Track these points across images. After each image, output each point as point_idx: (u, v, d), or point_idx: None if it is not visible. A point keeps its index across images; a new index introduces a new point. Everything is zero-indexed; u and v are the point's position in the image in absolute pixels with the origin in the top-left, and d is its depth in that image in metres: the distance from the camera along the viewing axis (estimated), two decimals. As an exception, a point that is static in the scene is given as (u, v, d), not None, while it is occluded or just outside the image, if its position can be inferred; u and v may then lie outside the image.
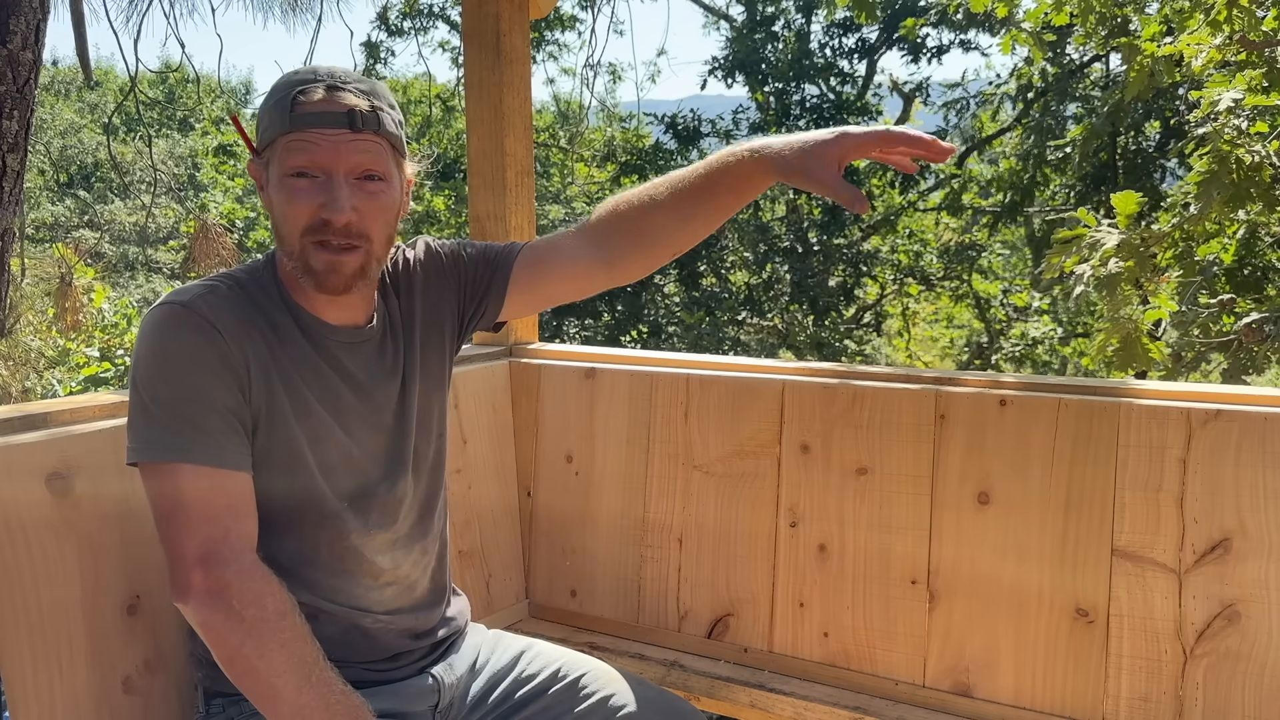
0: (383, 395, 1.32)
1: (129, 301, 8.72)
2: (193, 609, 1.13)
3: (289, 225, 1.20)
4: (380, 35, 11.11)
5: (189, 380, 1.16)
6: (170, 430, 1.14)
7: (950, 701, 1.72)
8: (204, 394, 1.16)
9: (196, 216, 9.32)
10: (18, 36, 2.39)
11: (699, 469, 1.92)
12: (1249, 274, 3.69)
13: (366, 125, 1.18)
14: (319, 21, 4.88)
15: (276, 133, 1.19)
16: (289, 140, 1.18)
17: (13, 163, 2.42)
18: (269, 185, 1.22)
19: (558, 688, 1.41)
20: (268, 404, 1.21)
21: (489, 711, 1.41)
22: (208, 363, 1.16)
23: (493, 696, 1.42)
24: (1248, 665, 1.51)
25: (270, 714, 1.13)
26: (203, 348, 1.16)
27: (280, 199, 1.20)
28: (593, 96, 7.02)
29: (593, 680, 1.42)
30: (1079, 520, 1.60)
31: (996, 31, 8.98)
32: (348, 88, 1.19)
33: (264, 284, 1.26)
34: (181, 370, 1.16)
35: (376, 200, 1.21)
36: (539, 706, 1.40)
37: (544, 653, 1.47)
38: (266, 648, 1.12)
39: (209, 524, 1.14)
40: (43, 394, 7.78)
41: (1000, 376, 1.74)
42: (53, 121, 20.62)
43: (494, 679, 1.44)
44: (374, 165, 1.20)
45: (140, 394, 1.16)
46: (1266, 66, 3.32)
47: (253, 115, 20.06)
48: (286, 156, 1.18)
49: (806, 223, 9.61)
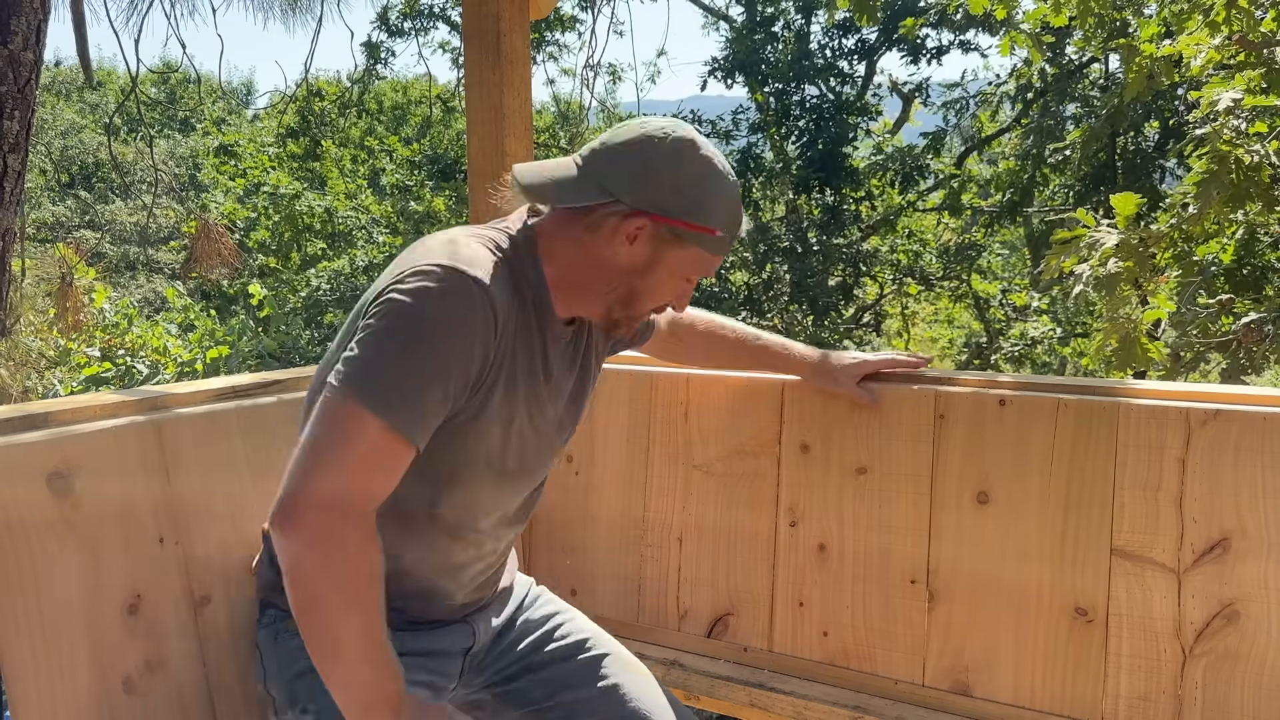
0: (562, 388, 1.39)
1: (129, 301, 8.72)
2: (292, 542, 1.10)
3: (648, 300, 1.31)
4: (380, 35, 11.11)
5: (435, 350, 1.14)
6: (391, 385, 1.13)
7: (949, 701, 1.72)
8: (439, 371, 1.15)
9: (197, 217, 9.32)
10: (19, 37, 2.39)
11: (699, 469, 1.92)
12: (1248, 274, 3.70)
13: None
14: (319, 22, 4.91)
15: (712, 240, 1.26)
16: (705, 251, 1.27)
17: (13, 163, 2.42)
18: (657, 257, 1.26)
19: (580, 658, 1.50)
20: (495, 378, 1.23)
21: (512, 661, 1.51)
22: (458, 344, 1.16)
23: (519, 648, 1.52)
24: (1247, 665, 1.51)
25: (323, 666, 1.13)
26: (467, 324, 1.16)
27: (661, 279, 1.28)
28: (593, 97, 7.02)
29: (613, 664, 1.50)
30: (1078, 520, 1.60)
31: (996, 32, 8.99)
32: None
33: (526, 269, 1.28)
34: (434, 339, 1.14)
35: None
36: (557, 671, 1.49)
37: (577, 621, 1.57)
38: (348, 606, 1.11)
39: (359, 475, 1.12)
40: (43, 394, 7.78)
41: (999, 376, 1.74)
42: (54, 122, 20.62)
43: (523, 631, 1.54)
44: None
45: (385, 336, 1.14)
46: (1265, 67, 3.32)
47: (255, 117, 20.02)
48: (694, 262, 1.28)
49: (806, 223, 9.61)
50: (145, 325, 7.65)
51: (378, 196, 12.86)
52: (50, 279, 10.04)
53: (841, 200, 9.60)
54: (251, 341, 7.41)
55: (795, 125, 9.96)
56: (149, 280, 17.07)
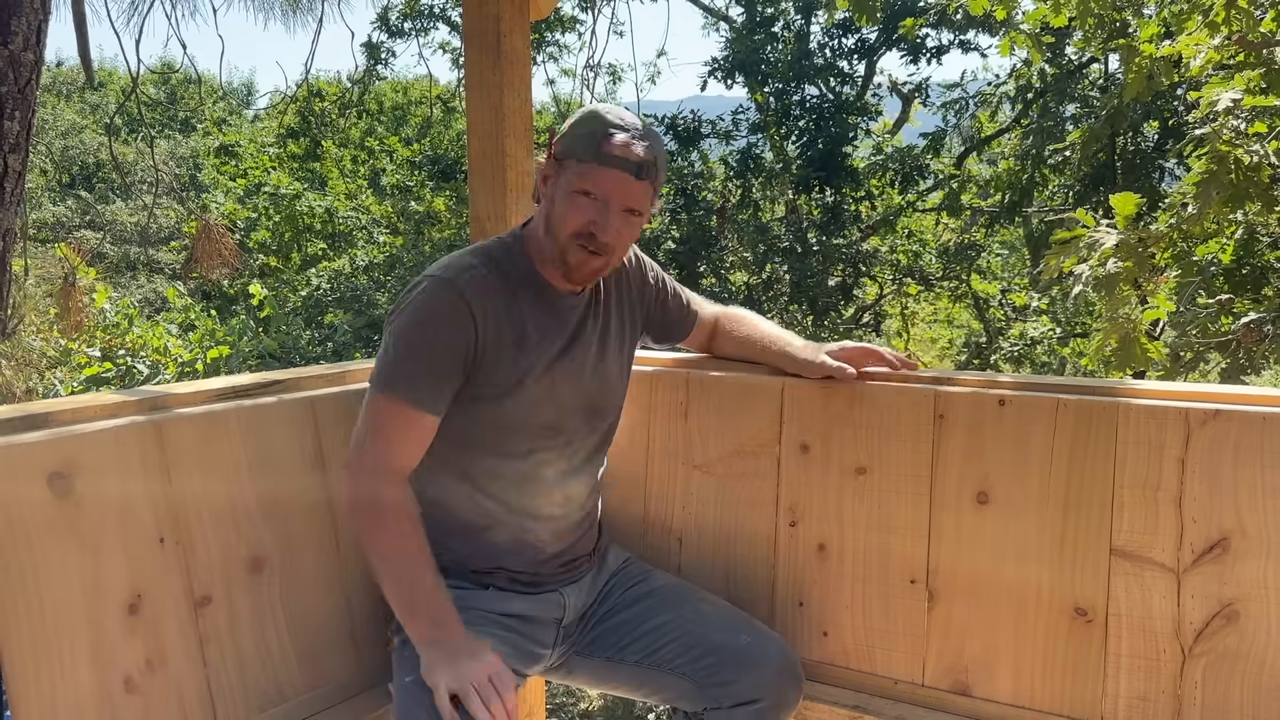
0: (582, 352, 1.64)
1: (130, 302, 8.71)
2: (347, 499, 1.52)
3: (563, 224, 1.53)
4: (381, 36, 11.11)
5: (429, 339, 1.51)
6: (401, 372, 1.50)
7: (949, 701, 1.72)
8: (435, 354, 1.51)
9: (198, 217, 9.32)
10: (19, 37, 2.39)
11: (699, 469, 1.93)
12: (1247, 274, 3.69)
13: (646, 175, 1.52)
14: (320, 22, 4.91)
15: (581, 157, 1.51)
16: (588, 168, 1.50)
17: (14, 163, 2.42)
18: (556, 188, 1.54)
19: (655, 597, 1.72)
20: (495, 347, 1.53)
21: (597, 622, 1.72)
22: (447, 330, 1.50)
23: (603, 610, 1.73)
24: (1246, 664, 1.51)
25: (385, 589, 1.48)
26: (447, 317, 1.51)
27: (563, 203, 1.52)
28: (593, 97, 7.02)
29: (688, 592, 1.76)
30: (1078, 520, 1.60)
31: (996, 32, 8.98)
32: (642, 141, 1.51)
33: (514, 256, 1.61)
34: (426, 331, 1.51)
35: (632, 230, 1.56)
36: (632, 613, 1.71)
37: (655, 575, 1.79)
38: (388, 538, 1.48)
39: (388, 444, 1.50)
40: (45, 394, 7.78)
41: (999, 376, 1.74)
42: (54, 122, 20.63)
43: (608, 595, 1.75)
44: (639, 204, 1.54)
45: (393, 342, 1.52)
46: (1265, 67, 3.32)
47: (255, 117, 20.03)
48: (581, 179, 1.50)
49: (806, 223, 9.60)
50: (146, 325, 7.65)
51: (378, 197, 12.85)
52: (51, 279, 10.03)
53: (841, 200, 9.59)
54: (252, 341, 7.40)
55: (795, 125, 9.95)
56: (149, 280, 17.06)
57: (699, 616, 1.68)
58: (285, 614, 1.63)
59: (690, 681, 1.63)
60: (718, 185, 9.87)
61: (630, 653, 1.68)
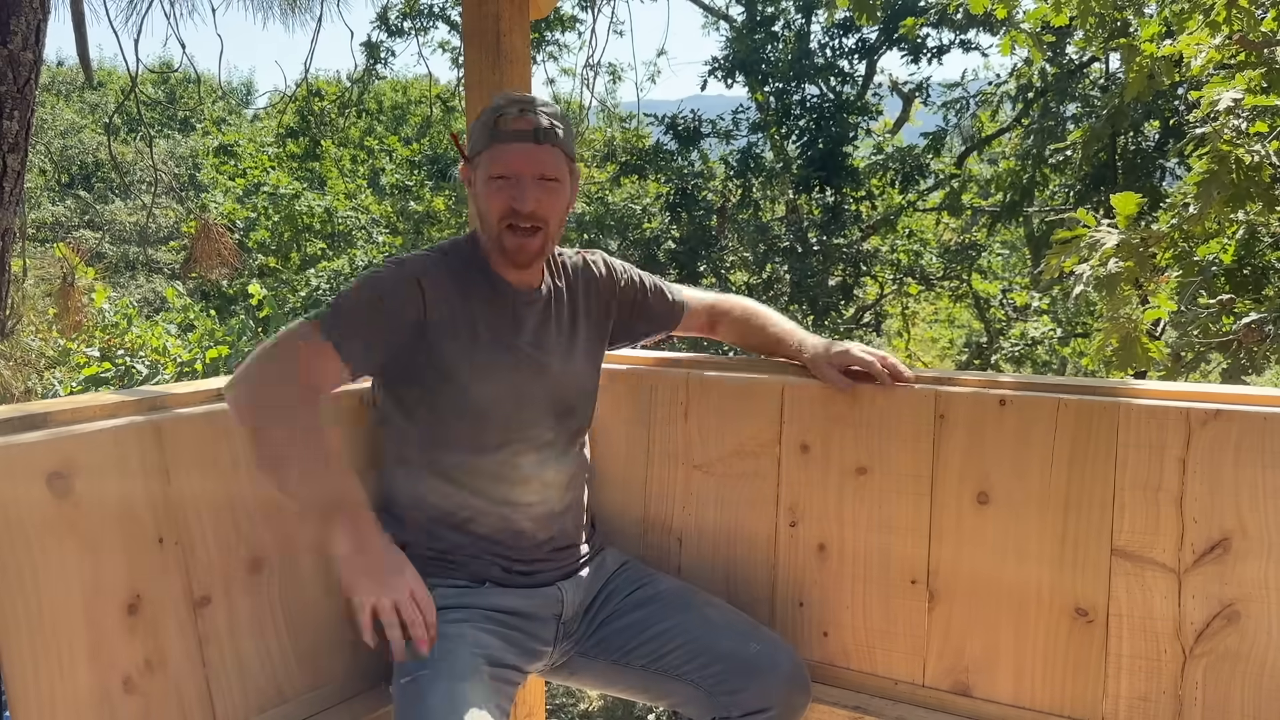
0: (544, 350, 1.66)
1: (129, 302, 8.71)
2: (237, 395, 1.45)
3: (491, 215, 1.57)
4: (380, 35, 11.09)
5: (373, 301, 1.53)
6: (338, 316, 1.51)
7: (949, 701, 1.72)
8: (374, 314, 1.53)
9: (197, 217, 9.31)
10: (18, 37, 2.39)
11: (699, 469, 1.92)
12: (1248, 274, 3.69)
13: (546, 139, 1.55)
14: (319, 22, 4.90)
15: (483, 146, 1.57)
16: (492, 153, 1.56)
17: (13, 163, 2.42)
18: (476, 185, 1.60)
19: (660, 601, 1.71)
20: (448, 328, 1.57)
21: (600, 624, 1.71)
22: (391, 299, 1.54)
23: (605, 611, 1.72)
24: (1247, 665, 1.51)
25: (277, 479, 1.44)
26: (395, 287, 1.54)
27: (484, 195, 1.58)
28: (593, 97, 7.02)
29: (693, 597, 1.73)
30: (1078, 520, 1.60)
31: (996, 31, 8.98)
32: (535, 110, 1.56)
33: (464, 255, 1.65)
34: (373, 294, 1.54)
35: (553, 195, 1.58)
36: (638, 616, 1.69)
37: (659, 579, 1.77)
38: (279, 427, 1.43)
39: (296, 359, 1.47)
40: (43, 394, 7.77)
41: (999, 376, 1.74)
42: (53, 121, 20.63)
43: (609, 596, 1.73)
44: (551, 171, 1.56)
45: (343, 294, 1.54)
46: (1265, 67, 3.32)
47: (254, 117, 20.02)
48: (490, 165, 1.56)
49: (806, 222, 9.60)
50: (145, 325, 7.65)
51: (377, 196, 12.85)
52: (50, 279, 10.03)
53: (842, 200, 9.59)
54: (251, 341, 7.40)
55: (795, 125, 9.94)
56: (149, 280, 17.06)
57: (705, 621, 1.67)
58: (285, 614, 1.62)
59: (698, 689, 1.62)
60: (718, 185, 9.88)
61: (636, 656, 1.67)
